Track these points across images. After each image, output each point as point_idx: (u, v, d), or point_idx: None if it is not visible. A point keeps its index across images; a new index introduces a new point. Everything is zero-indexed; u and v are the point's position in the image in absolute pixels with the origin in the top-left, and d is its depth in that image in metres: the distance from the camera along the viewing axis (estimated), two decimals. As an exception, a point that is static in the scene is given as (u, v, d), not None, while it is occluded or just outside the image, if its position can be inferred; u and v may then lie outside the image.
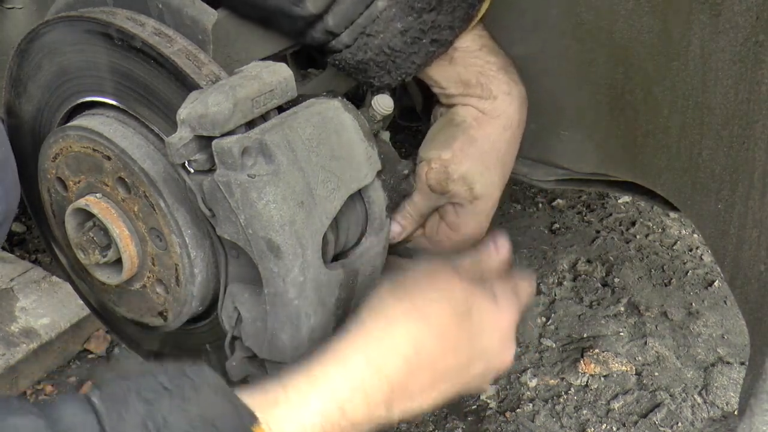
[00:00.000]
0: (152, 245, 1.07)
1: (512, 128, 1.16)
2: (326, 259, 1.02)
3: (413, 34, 1.02)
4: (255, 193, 0.89)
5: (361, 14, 0.99)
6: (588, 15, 1.13)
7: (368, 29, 1.01)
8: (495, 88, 1.14)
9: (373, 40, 1.02)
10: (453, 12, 1.03)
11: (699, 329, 1.96)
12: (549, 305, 2.07)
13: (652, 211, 2.48)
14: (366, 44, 1.02)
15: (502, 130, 1.16)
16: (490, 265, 1.05)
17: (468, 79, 1.13)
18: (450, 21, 1.04)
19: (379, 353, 0.85)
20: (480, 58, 1.12)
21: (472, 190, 1.16)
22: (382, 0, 0.99)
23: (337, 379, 0.82)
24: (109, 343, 1.89)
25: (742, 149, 0.89)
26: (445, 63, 1.12)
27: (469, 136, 1.14)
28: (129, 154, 1.03)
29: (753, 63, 0.85)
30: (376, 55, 1.04)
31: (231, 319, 1.03)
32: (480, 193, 1.17)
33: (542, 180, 1.35)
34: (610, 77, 1.15)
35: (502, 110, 1.15)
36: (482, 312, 0.93)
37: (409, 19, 1.01)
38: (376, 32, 1.01)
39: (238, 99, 0.89)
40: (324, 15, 0.99)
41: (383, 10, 0.99)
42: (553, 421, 1.70)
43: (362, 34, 1.01)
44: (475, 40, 1.11)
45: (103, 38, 1.02)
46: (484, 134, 1.15)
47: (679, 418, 1.70)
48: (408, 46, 1.03)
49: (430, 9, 1.01)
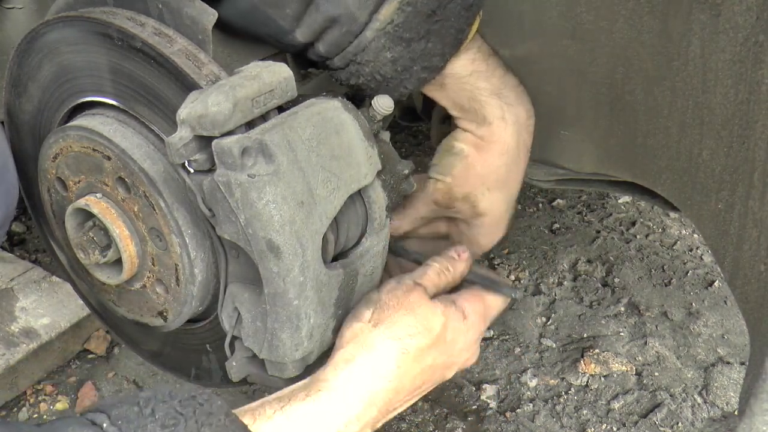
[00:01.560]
0: (152, 245, 1.07)
1: (509, 153, 1.19)
2: (326, 259, 1.02)
3: (403, 62, 1.04)
4: (255, 193, 0.89)
5: (351, 43, 1.00)
6: (588, 15, 1.13)
7: (358, 58, 1.02)
8: (489, 113, 1.16)
9: (364, 68, 1.03)
10: (442, 39, 1.04)
11: (699, 329, 1.96)
12: (549, 305, 2.07)
13: (652, 211, 2.48)
14: (357, 71, 1.04)
15: (499, 155, 1.19)
16: (455, 271, 1.14)
17: (461, 104, 1.16)
18: (440, 48, 1.05)
19: (371, 386, 0.97)
20: (469, 84, 1.14)
21: (476, 208, 1.23)
22: (370, 30, 0.99)
23: (337, 412, 0.94)
24: (109, 343, 1.89)
25: (742, 149, 0.89)
26: (438, 88, 1.14)
27: (467, 164, 1.19)
28: (129, 154, 1.03)
29: (753, 63, 0.85)
30: (368, 81, 1.06)
31: (231, 319, 1.03)
32: (484, 210, 1.23)
33: (542, 180, 1.35)
34: (610, 77, 1.15)
35: (498, 136, 1.17)
36: (454, 332, 1.06)
37: (398, 48, 1.02)
38: (366, 61, 1.02)
39: (238, 99, 0.89)
40: (315, 43, 1.02)
41: (372, 41, 1.00)
42: (553, 421, 1.70)
43: (353, 61, 1.03)
44: (466, 66, 1.12)
45: (103, 38, 1.02)
46: (481, 161, 1.19)
47: (680, 418, 1.70)
48: (399, 73, 1.05)
49: (419, 38, 1.02)
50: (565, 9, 1.15)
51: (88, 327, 1.85)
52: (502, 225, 1.28)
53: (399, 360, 1.00)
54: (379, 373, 0.98)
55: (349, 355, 0.99)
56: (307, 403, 0.93)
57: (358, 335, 1.01)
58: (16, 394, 1.73)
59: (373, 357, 0.99)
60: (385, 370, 0.99)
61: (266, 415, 0.90)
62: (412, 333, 1.01)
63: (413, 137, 2.98)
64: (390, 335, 1.00)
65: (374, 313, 1.03)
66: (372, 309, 1.03)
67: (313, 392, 0.94)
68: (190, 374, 1.28)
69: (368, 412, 0.97)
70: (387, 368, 0.99)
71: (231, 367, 1.06)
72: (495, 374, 1.83)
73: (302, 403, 0.92)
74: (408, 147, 2.93)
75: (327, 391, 0.95)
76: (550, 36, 1.19)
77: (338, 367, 0.98)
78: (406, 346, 1.00)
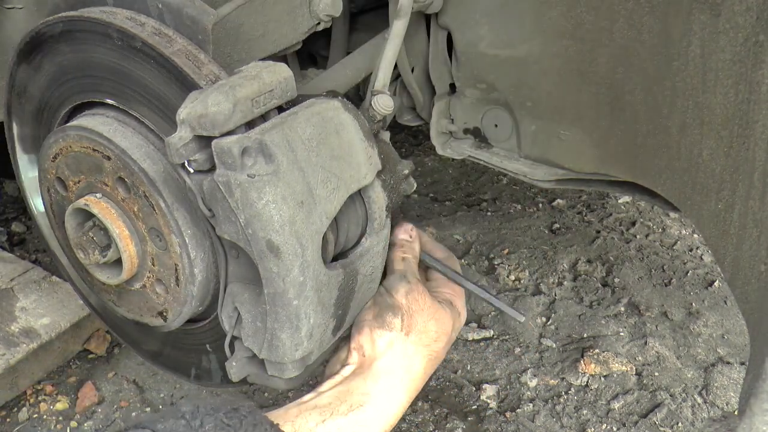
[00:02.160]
0: (152, 245, 1.07)
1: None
2: (326, 259, 1.02)
3: None
4: (255, 193, 0.89)
5: None
6: (588, 15, 1.13)
7: None
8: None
9: None
10: None
11: (699, 329, 1.96)
12: (549, 305, 2.07)
13: (652, 211, 2.48)
14: None
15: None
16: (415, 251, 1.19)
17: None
18: None
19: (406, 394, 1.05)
20: None
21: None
22: None
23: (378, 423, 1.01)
24: (109, 343, 1.89)
25: (742, 149, 0.89)
26: None
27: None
28: (129, 154, 1.03)
29: (753, 63, 0.85)
30: None
31: (231, 319, 1.03)
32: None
33: (542, 180, 1.35)
34: (610, 77, 1.15)
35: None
36: (457, 331, 1.18)
37: None
38: None
39: (238, 99, 0.89)
40: None
41: None
42: (553, 421, 1.70)
43: None
44: None
45: (103, 38, 1.02)
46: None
47: (679, 418, 1.70)
48: None
49: None
50: (565, 9, 1.15)
51: (88, 327, 1.85)
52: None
53: (426, 365, 1.08)
54: (413, 378, 1.06)
55: (389, 367, 1.04)
56: (349, 418, 0.97)
57: (393, 345, 1.06)
58: (16, 394, 1.73)
59: (409, 365, 1.06)
60: (416, 375, 1.07)
61: (308, 428, 0.93)
62: (436, 338, 1.10)
63: (413, 137, 2.98)
64: (421, 343, 1.08)
65: (404, 322, 1.07)
66: (400, 317, 1.08)
67: (355, 406, 0.99)
68: (190, 374, 1.28)
69: (399, 415, 1.04)
70: (418, 374, 1.07)
71: (231, 367, 1.06)
72: (495, 374, 1.83)
73: (345, 418, 0.97)
74: (408, 147, 2.93)
75: (370, 405, 1.00)
76: (550, 36, 1.19)
77: (379, 379, 1.03)
78: (432, 351, 1.09)
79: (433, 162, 2.81)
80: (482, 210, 2.54)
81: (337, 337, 1.09)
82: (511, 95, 1.31)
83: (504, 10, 1.23)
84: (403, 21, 1.19)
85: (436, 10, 1.30)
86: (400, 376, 1.05)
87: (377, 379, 1.03)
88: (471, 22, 1.29)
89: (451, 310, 1.14)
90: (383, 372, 1.04)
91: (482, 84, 1.34)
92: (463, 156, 1.44)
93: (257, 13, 1.08)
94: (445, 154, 1.45)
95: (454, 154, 1.44)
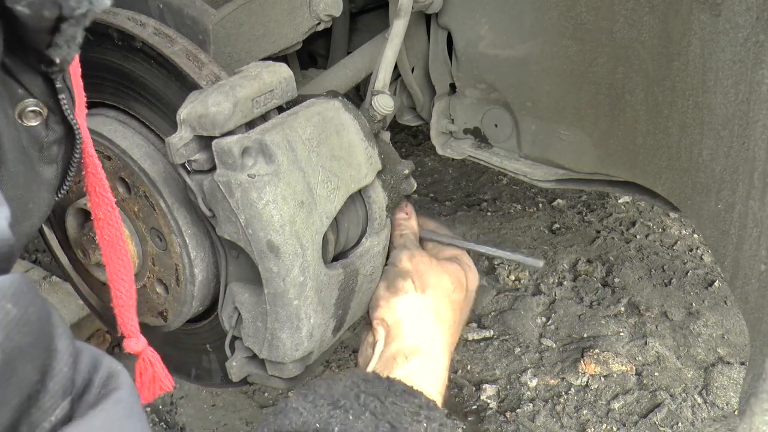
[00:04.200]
0: (152, 245, 1.07)
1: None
2: (326, 259, 1.02)
3: None
4: (255, 194, 0.89)
5: None
6: (588, 15, 1.13)
7: None
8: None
9: None
10: None
11: (699, 329, 1.96)
12: (549, 305, 2.07)
13: (652, 211, 2.48)
14: None
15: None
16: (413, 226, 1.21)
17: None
18: None
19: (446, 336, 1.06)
20: None
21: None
22: None
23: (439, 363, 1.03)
24: (109, 343, 1.89)
25: (742, 149, 0.89)
26: None
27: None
28: (129, 154, 1.03)
29: (753, 63, 0.85)
30: None
31: (231, 319, 1.03)
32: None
33: (542, 180, 1.35)
34: (610, 77, 1.15)
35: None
36: (468, 281, 1.16)
37: None
38: None
39: (238, 99, 0.89)
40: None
41: None
42: (553, 421, 1.70)
43: None
44: None
45: (103, 38, 1.02)
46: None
47: (679, 418, 1.70)
48: None
49: None
50: (565, 9, 1.15)
51: (88, 327, 1.85)
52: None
53: (454, 314, 1.09)
54: (447, 325, 1.07)
55: (418, 323, 1.04)
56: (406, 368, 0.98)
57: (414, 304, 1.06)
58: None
59: (436, 315, 1.05)
60: (448, 323, 1.07)
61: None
62: (453, 290, 1.10)
63: (413, 137, 2.98)
64: (441, 295, 1.07)
65: (415, 283, 1.07)
66: (410, 280, 1.07)
67: (411, 358, 1.00)
68: (190, 374, 1.28)
69: (448, 360, 1.06)
70: (448, 320, 1.07)
71: (231, 367, 1.06)
72: (495, 374, 1.83)
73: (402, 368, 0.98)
74: (408, 147, 2.93)
75: (420, 355, 1.00)
76: (550, 36, 1.19)
77: (414, 333, 1.03)
78: (453, 302, 1.09)
79: (433, 162, 2.81)
80: (482, 210, 2.54)
81: (337, 337, 1.09)
82: (511, 95, 1.31)
83: (504, 11, 1.24)
84: (403, 21, 1.19)
85: (436, 10, 1.30)
86: (432, 323, 1.04)
87: (412, 333, 1.03)
88: (471, 22, 1.29)
89: (460, 264, 1.14)
90: (415, 327, 1.04)
91: (482, 84, 1.34)
92: (463, 156, 1.44)
93: (257, 13, 1.08)
94: (445, 154, 1.45)
95: (454, 154, 1.44)
